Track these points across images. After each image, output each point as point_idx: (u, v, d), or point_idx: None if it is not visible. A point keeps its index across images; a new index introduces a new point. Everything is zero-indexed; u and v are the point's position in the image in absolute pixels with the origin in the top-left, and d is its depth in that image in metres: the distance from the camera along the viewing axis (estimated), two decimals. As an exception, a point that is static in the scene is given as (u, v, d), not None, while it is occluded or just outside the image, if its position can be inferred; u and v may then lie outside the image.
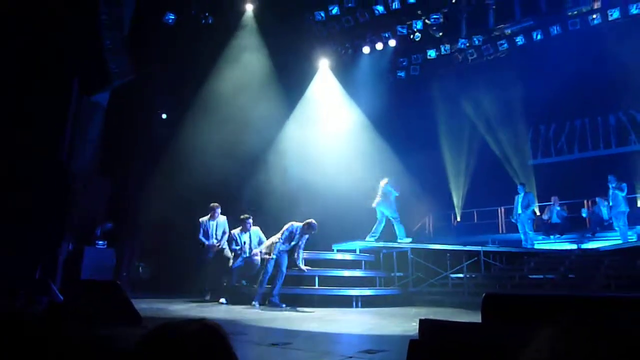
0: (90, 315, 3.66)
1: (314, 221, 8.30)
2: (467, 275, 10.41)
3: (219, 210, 9.28)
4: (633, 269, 9.11)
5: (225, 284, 8.88)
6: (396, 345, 3.56)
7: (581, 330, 0.51)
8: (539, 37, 13.69)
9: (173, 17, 11.38)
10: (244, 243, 8.95)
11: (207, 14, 12.26)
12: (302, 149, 12.44)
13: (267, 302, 7.94)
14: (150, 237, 11.10)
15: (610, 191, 10.92)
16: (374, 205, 10.79)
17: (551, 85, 14.21)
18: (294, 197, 11.15)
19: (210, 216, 9.22)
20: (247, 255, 8.91)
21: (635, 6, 12.37)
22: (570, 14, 13.16)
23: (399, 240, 10.52)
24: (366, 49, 14.57)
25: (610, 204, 10.89)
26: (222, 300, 8.40)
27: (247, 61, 11.59)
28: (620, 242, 10.43)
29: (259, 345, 3.72)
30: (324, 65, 14.47)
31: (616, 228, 10.94)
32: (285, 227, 8.38)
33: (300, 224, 8.31)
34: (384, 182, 10.92)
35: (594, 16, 12.84)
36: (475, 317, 1.84)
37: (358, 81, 15.37)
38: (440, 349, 1.48)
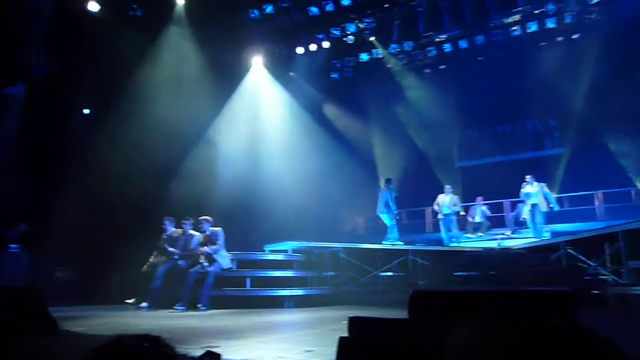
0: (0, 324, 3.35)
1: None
2: (397, 274, 10.69)
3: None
4: (548, 264, 9.77)
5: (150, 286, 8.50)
6: (326, 343, 3.56)
7: (502, 321, 0.53)
8: (464, 45, 14.35)
9: (97, 7, 10.79)
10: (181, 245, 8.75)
11: (135, 6, 11.75)
12: (233, 148, 12.23)
13: (199, 305, 7.72)
14: (70, 239, 10.40)
15: (526, 189, 11.63)
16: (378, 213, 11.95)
17: (477, 92, 14.97)
18: (225, 198, 10.92)
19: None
20: (179, 257, 8.66)
21: (551, 20, 13.26)
22: (493, 24, 13.90)
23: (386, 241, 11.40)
24: (300, 50, 14.60)
25: (533, 202, 11.54)
26: (144, 304, 8.07)
27: (177, 56, 11.20)
28: (535, 239, 11.13)
29: (191, 349, 3.58)
30: (257, 63, 14.33)
31: (531, 226, 11.66)
32: (214, 230, 8.38)
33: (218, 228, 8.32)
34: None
35: (514, 28, 13.64)
36: (404, 314, 1.85)
37: (291, 81, 15.38)
38: (369, 345, 1.48)
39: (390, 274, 10.82)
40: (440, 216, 12.59)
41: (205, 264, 8.19)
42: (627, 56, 12.58)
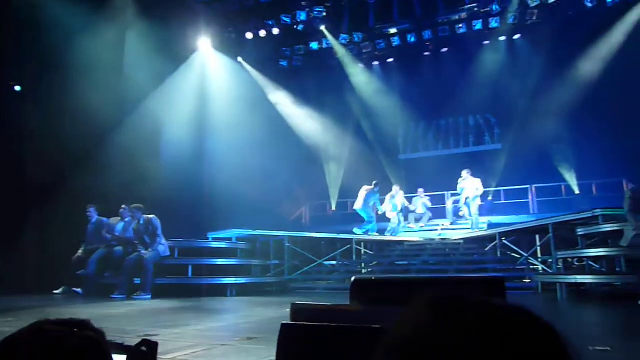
0: None
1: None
2: (340, 262, 10.84)
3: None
4: (484, 254, 10.23)
5: (82, 273, 8.16)
6: (269, 330, 3.56)
7: (441, 304, 0.53)
8: (412, 39, 14.61)
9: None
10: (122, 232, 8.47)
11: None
12: (177, 132, 11.87)
13: (137, 293, 7.50)
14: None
15: (462, 184, 12.07)
16: (355, 207, 11.89)
17: (422, 86, 15.33)
18: (167, 182, 10.62)
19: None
20: (116, 244, 8.39)
21: (495, 20, 13.73)
22: (440, 20, 14.23)
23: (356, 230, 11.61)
24: (249, 35, 14.35)
25: (470, 195, 11.97)
26: (78, 289, 7.78)
27: (118, 30, 10.65)
28: (472, 231, 11.59)
29: (124, 337, 3.46)
30: (205, 46, 13.97)
31: (469, 218, 12.13)
32: (148, 218, 8.27)
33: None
34: (368, 188, 11.72)
35: (460, 25, 14.02)
36: (346, 301, 1.87)
37: (239, 67, 15.11)
38: (310, 331, 1.48)
39: (334, 262, 10.96)
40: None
41: (143, 251, 7.96)
42: (563, 58, 13.27)
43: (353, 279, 1.99)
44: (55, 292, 8.04)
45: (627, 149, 11.16)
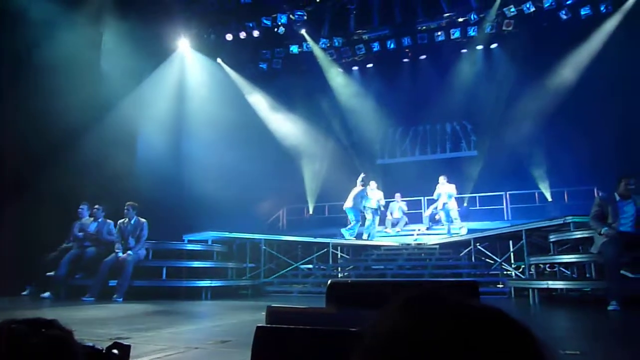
0: None
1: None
2: (317, 266, 10.84)
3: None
4: (458, 259, 10.35)
5: (52, 275, 7.93)
6: (243, 333, 3.52)
7: (417, 305, 0.54)
8: (392, 46, 14.74)
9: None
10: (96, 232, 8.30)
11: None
12: (154, 131, 11.71)
13: (115, 296, 7.34)
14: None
15: (439, 189, 12.22)
16: (344, 207, 11.85)
17: (401, 93, 15.49)
18: (142, 182, 10.46)
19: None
20: (89, 245, 8.22)
21: (473, 29, 13.96)
22: (420, 28, 14.39)
23: (343, 231, 11.68)
24: (229, 36, 14.27)
25: (445, 201, 12.10)
26: (45, 294, 7.55)
27: (94, 31, 10.44)
28: (448, 236, 11.72)
29: (96, 340, 3.38)
30: (184, 46, 13.85)
31: (446, 223, 12.27)
32: (141, 220, 8.19)
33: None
34: (358, 188, 11.80)
35: (439, 33, 14.21)
36: (321, 305, 1.87)
37: (218, 68, 15.03)
38: (286, 334, 1.47)
39: (310, 266, 10.96)
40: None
41: (120, 253, 7.81)
42: (538, 67, 13.57)
43: (329, 282, 1.99)
44: (23, 293, 7.82)
45: (598, 158, 11.45)
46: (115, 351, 1.02)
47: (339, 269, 10.88)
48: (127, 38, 10.36)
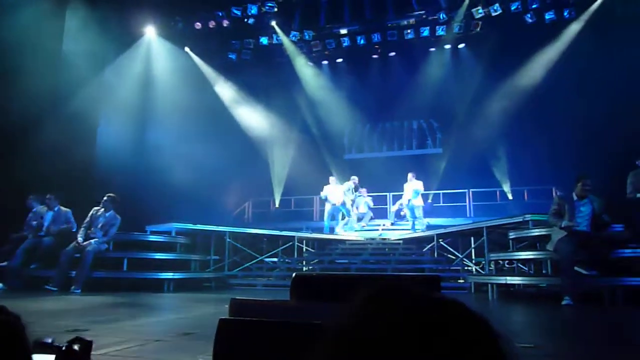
0: None
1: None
2: (282, 259, 10.84)
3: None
4: (421, 254, 10.54)
5: (5, 266, 7.64)
6: (206, 326, 3.49)
7: (380, 296, 0.56)
8: (362, 41, 14.80)
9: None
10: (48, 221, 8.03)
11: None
12: (116, 119, 11.40)
13: (73, 287, 7.13)
14: None
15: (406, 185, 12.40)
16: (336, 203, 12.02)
17: (369, 88, 15.58)
18: (103, 171, 10.18)
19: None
20: (44, 234, 7.96)
21: (441, 28, 14.16)
22: (390, 25, 14.50)
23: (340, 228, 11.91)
24: (198, 25, 14.02)
25: (414, 197, 12.26)
26: None
27: (56, 14, 10.05)
28: (412, 232, 11.91)
29: (54, 333, 3.29)
30: (150, 33, 13.52)
31: (411, 219, 12.46)
32: (115, 215, 8.00)
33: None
34: (349, 183, 12.07)
35: (409, 31, 14.35)
36: (286, 297, 1.87)
37: (186, 57, 14.76)
38: (248, 326, 1.46)
39: (275, 259, 10.95)
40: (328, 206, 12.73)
41: (80, 239, 7.59)
42: (503, 68, 13.89)
43: (293, 275, 2.00)
44: None
45: (558, 158, 11.83)
46: (76, 347, 0.98)
47: (304, 262, 10.91)
48: (91, 21, 10.04)
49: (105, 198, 7.96)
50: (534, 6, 12.91)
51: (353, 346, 0.51)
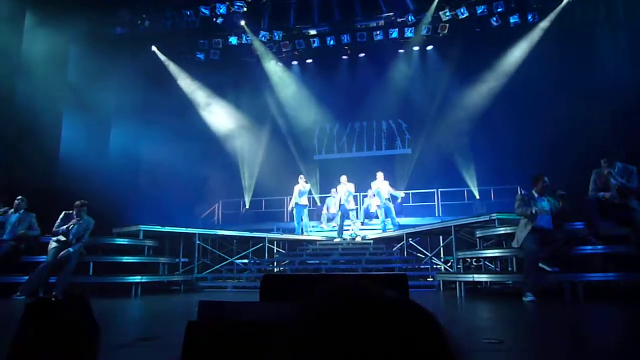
0: None
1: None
2: (252, 261, 10.77)
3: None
4: (391, 253, 10.65)
5: None
6: (174, 329, 3.44)
7: (338, 296, 0.58)
8: (331, 42, 14.86)
9: None
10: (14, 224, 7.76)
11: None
12: (78, 118, 11.10)
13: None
14: None
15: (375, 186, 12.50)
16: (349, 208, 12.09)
17: (339, 89, 15.65)
18: (64, 174, 9.90)
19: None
20: (9, 237, 7.70)
21: (410, 30, 14.36)
22: (359, 26, 14.61)
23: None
24: (165, 24, 13.80)
25: (385, 198, 12.35)
26: None
27: (16, 9, 9.73)
28: (381, 231, 12.02)
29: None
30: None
31: (380, 219, 12.55)
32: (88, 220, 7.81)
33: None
34: (344, 187, 12.09)
35: (377, 32, 14.49)
36: (257, 299, 1.87)
37: (153, 56, 14.51)
38: (218, 327, 1.45)
39: (245, 261, 10.88)
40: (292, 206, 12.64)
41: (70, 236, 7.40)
42: (469, 70, 14.19)
43: (263, 276, 1.99)
44: None
45: (522, 159, 12.15)
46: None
47: (275, 263, 10.87)
48: (53, 19, 9.75)
49: (76, 207, 7.73)
50: (499, 10, 13.24)
51: (311, 345, 0.53)
